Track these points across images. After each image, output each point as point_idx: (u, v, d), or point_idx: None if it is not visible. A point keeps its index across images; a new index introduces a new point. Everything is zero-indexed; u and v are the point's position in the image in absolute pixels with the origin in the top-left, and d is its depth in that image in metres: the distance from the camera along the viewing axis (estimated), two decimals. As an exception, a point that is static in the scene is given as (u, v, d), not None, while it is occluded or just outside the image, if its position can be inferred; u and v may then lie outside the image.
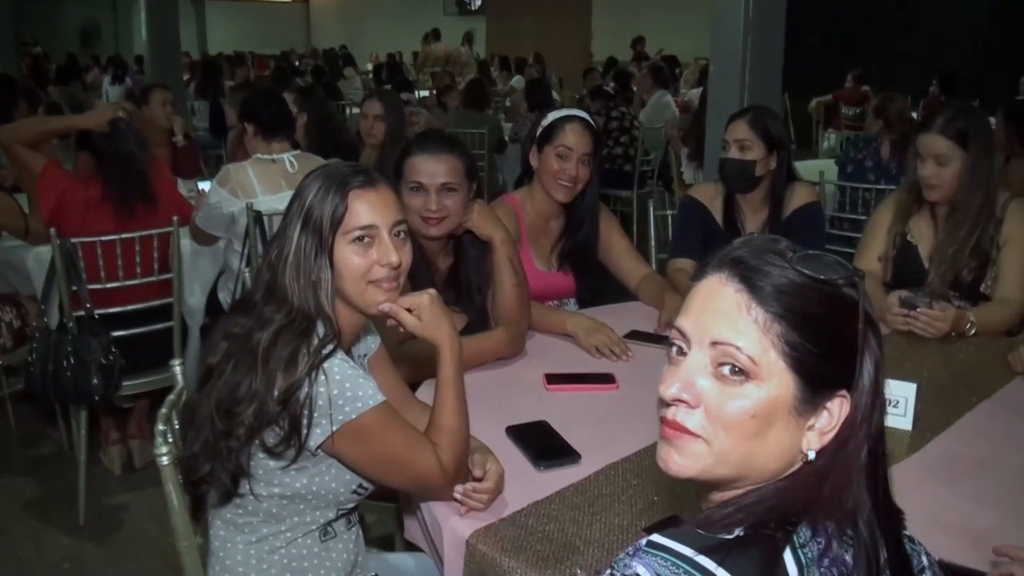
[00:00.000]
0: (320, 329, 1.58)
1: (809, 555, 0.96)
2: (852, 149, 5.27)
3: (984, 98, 9.60)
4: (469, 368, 2.22)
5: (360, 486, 1.68)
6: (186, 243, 3.81)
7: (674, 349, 1.05)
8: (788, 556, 0.95)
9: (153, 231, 3.44)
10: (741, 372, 0.99)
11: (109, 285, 3.39)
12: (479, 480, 1.69)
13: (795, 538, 0.97)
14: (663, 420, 1.04)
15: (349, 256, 1.63)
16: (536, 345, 2.57)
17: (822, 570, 0.96)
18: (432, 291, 1.75)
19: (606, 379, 2.31)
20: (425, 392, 2.07)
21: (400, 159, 2.49)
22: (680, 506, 1.68)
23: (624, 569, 0.94)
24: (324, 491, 1.65)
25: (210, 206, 3.64)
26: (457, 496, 1.67)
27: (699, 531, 0.97)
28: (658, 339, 2.61)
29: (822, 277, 0.99)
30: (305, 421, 1.53)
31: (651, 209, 3.78)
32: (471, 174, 2.47)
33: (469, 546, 1.59)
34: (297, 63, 15.92)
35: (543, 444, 1.92)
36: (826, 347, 0.99)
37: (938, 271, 2.80)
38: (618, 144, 7.31)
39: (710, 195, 3.17)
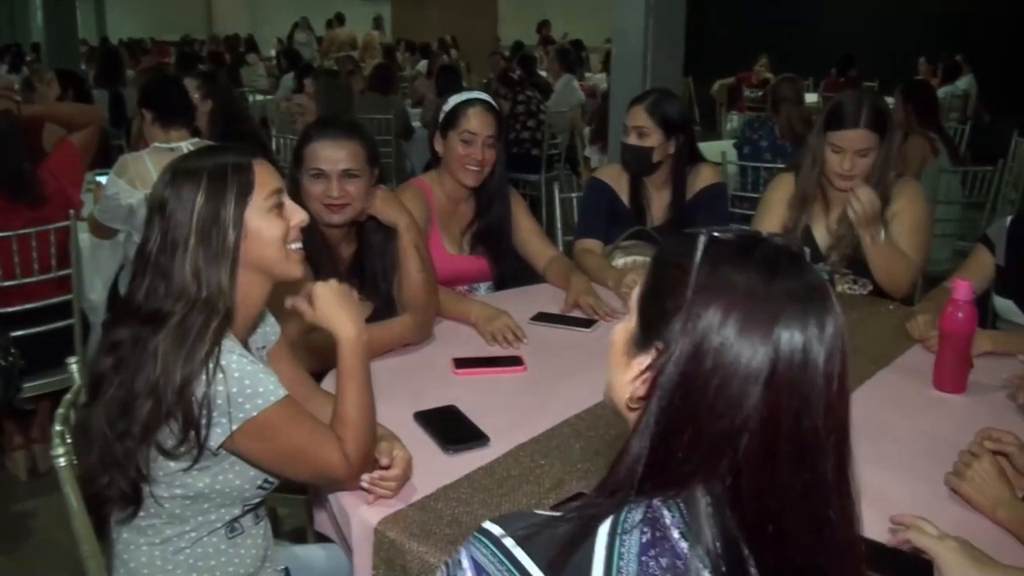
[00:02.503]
0: (214, 317, 1.53)
1: (629, 541, 0.93)
2: (747, 130, 5.41)
3: (882, 77, 9.90)
4: (377, 355, 2.21)
5: (265, 481, 1.65)
6: (85, 237, 3.70)
7: None
8: (601, 539, 0.94)
9: (50, 226, 3.31)
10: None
11: (6, 283, 3.26)
12: (386, 468, 1.68)
13: (619, 522, 0.95)
14: None
15: (270, 222, 1.61)
16: (444, 330, 2.57)
17: (644, 558, 0.92)
18: (333, 281, 1.73)
19: (514, 362, 2.33)
20: (331, 382, 2.05)
21: (300, 145, 2.46)
22: (588, 484, 1.70)
23: (455, 556, 0.98)
24: (228, 489, 1.61)
25: (107, 198, 3.54)
26: (364, 485, 1.66)
27: (537, 511, 1.00)
28: (564, 320, 2.63)
29: (691, 231, 1.04)
30: (204, 421, 1.49)
31: (556, 192, 3.81)
32: (373, 160, 2.45)
33: (377, 533, 1.58)
34: (200, 49, 15.49)
35: (452, 428, 1.93)
36: (656, 292, 1.02)
37: (837, 248, 2.86)
38: (525, 128, 7.30)
39: (616, 176, 3.21)
